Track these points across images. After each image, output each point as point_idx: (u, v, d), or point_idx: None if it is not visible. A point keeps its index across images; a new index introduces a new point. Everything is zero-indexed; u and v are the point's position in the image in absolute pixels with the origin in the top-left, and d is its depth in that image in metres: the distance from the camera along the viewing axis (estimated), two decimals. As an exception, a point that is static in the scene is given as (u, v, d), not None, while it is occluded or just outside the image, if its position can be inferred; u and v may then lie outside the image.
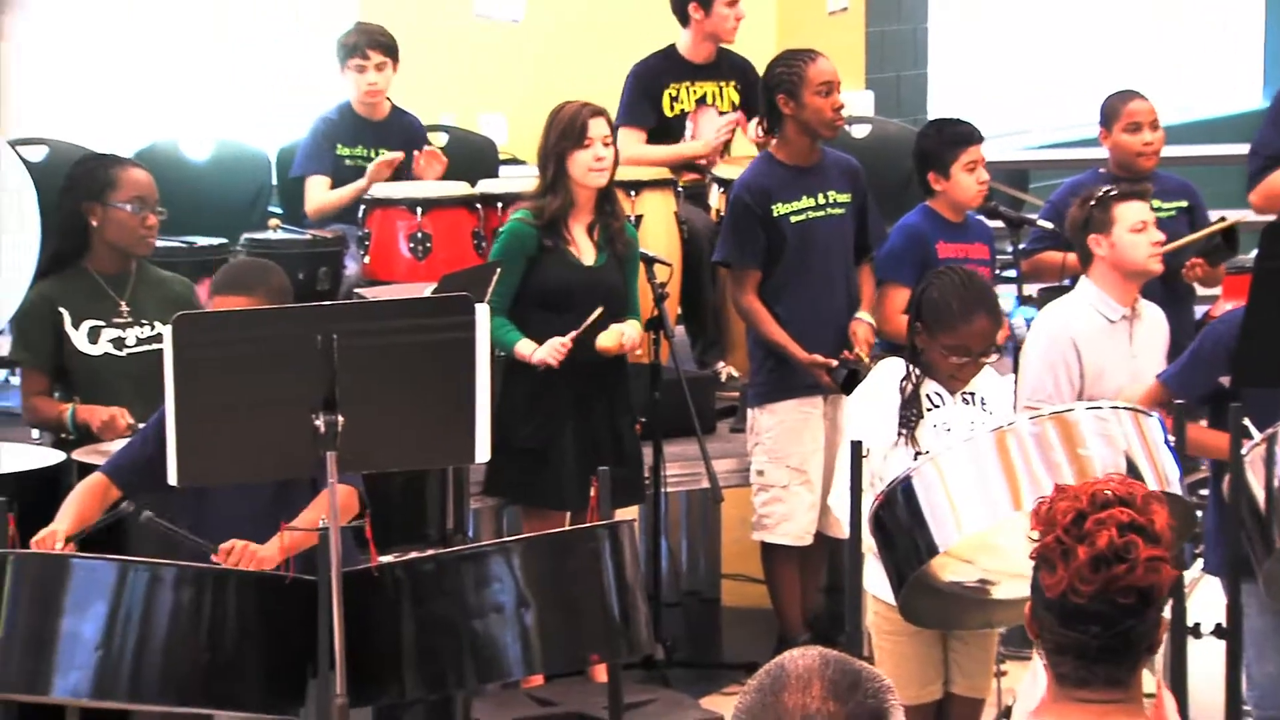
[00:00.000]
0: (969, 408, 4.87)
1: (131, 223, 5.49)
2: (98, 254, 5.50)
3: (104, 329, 5.44)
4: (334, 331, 3.95)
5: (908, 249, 6.34)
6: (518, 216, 6.01)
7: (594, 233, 5.99)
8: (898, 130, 8.15)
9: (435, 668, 4.16)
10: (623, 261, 6.04)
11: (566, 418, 5.96)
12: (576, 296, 5.91)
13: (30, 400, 5.43)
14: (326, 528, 3.94)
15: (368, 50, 7.08)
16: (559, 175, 5.90)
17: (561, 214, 5.93)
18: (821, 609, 6.66)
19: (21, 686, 4.09)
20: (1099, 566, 2.59)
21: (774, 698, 2.24)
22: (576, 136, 5.88)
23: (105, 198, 5.47)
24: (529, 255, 5.93)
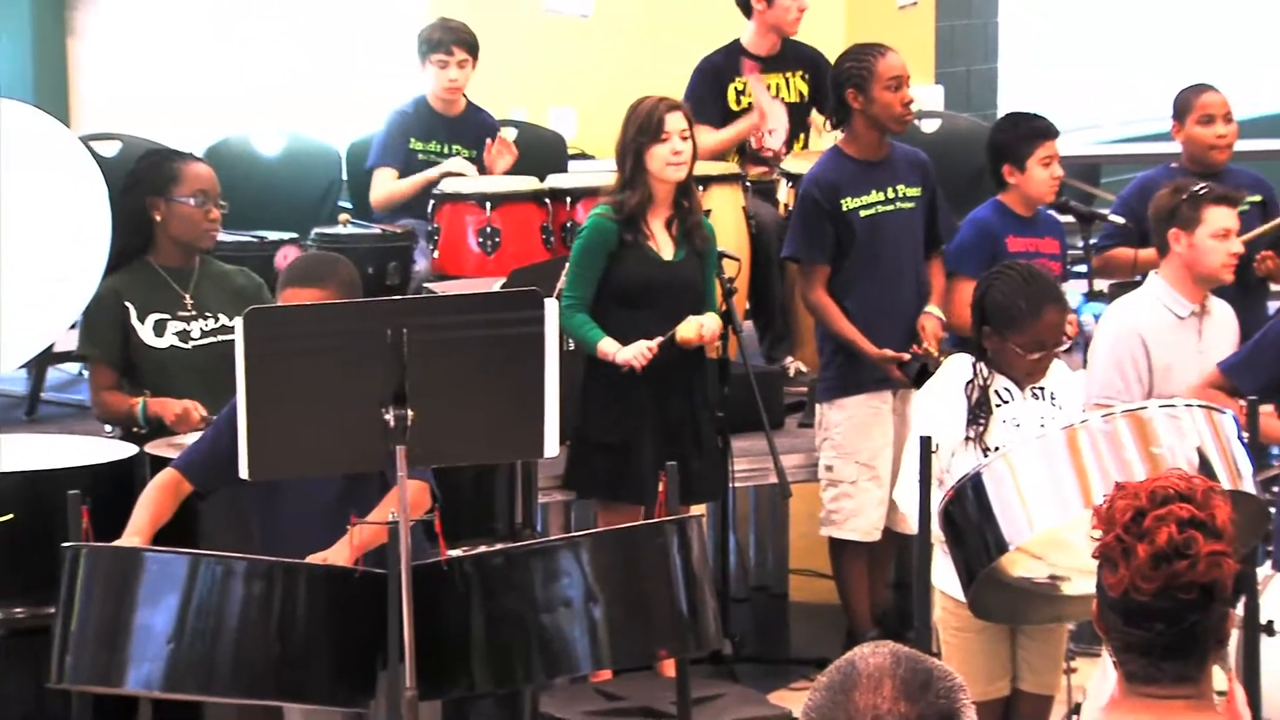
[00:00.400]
0: (1038, 403, 4.85)
1: (195, 217, 5.52)
2: (162, 248, 5.54)
3: (169, 322, 5.47)
4: (404, 326, 3.96)
5: (977, 242, 6.31)
6: (598, 212, 6.01)
7: (672, 228, 5.99)
8: (967, 125, 8.11)
9: (504, 662, 4.17)
10: (701, 257, 6.03)
11: (646, 412, 5.95)
12: (656, 292, 5.91)
13: (100, 395, 5.46)
14: (396, 522, 3.96)
15: (452, 46, 7.10)
16: (637, 170, 5.90)
17: (640, 209, 5.93)
18: (890, 604, 6.65)
19: (95, 678, 4.12)
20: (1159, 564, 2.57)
21: (844, 696, 2.22)
22: (653, 131, 5.88)
23: (168, 193, 5.50)
24: (610, 251, 5.93)
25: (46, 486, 4.75)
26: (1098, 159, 9.80)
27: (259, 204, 7.01)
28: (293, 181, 7.66)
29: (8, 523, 4.80)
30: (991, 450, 4.74)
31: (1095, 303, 6.04)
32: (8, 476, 4.89)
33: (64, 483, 4.49)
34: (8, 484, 4.85)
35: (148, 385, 5.39)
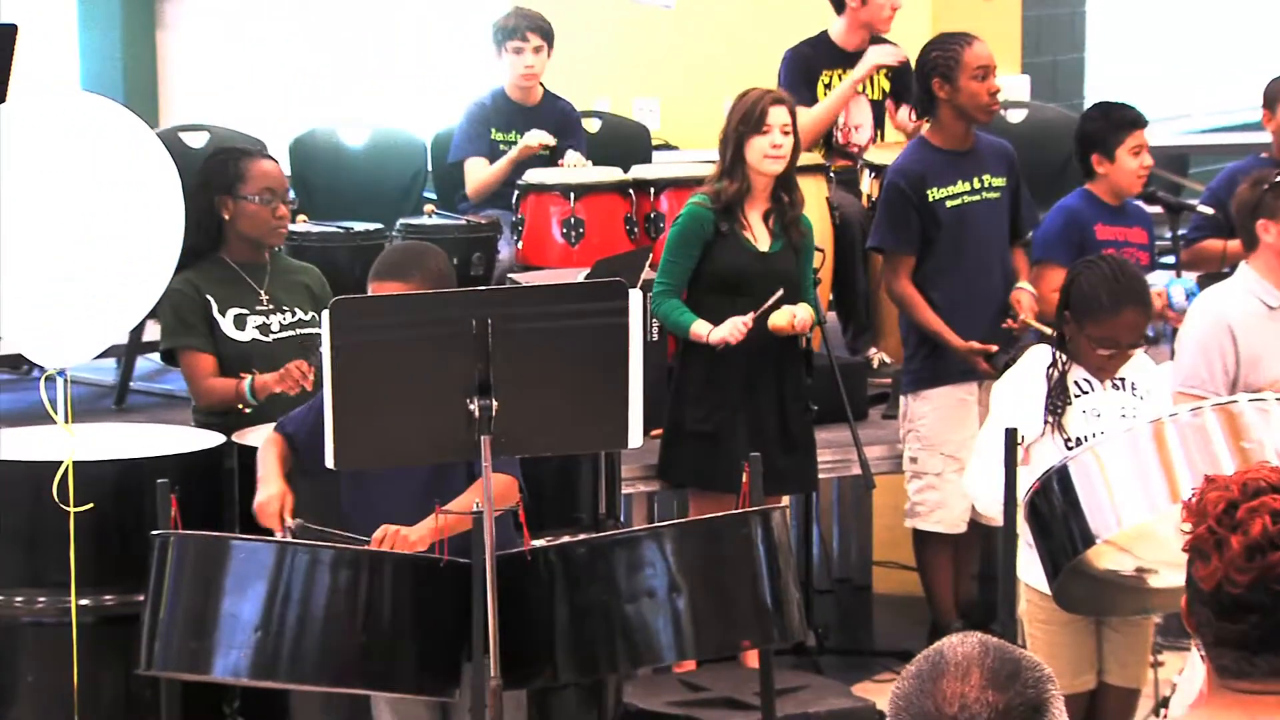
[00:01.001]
0: (1119, 393, 4.82)
1: (262, 214, 5.54)
2: (233, 246, 5.56)
3: (249, 316, 5.50)
4: (489, 316, 3.98)
5: (1065, 230, 6.27)
6: (695, 200, 6.01)
7: (769, 220, 5.98)
8: (1054, 115, 8.06)
9: (588, 651, 4.18)
10: (797, 251, 6.02)
11: (738, 401, 5.95)
12: (751, 282, 5.90)
13: (206, 382, 5.45)
14: (481, 512, 3.97)
15: (526, 33, 7.11)
16: (736, 160, 5.90)
17: (738, 199, 5.93)
18: (974, 597, 6.62)
19: (183, 665, 4.15)
20: (1254, 555, 2.55)
21: (932, 684, 2.22)
22: (755, 123, 5.88)
23: (236, 191, 5.52)
24: (705, 239, 5.92)
25: (135, 475, 4.80)
26: (1186, 149, 9.71)
27: (344, 195, 7.06)
28: (378, 172, 7.69)
29: (98, 511, 4.84)
30: (1071, 440, 4.71)
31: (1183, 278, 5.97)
32: (98, 465, 4.94)
33: (153, 471, 4.53)
34: (98, 472, 4.90)
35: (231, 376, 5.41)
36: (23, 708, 4.83)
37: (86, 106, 5.16)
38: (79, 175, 4.97)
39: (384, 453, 4.14)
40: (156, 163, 5.10)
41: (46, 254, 4.93)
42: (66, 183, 4.96)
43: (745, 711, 5.65)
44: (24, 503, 4.85)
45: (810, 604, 6.17)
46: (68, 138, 4.98)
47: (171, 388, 7.45)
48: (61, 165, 4.98)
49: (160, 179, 5.07)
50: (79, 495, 4.85)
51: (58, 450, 5.05)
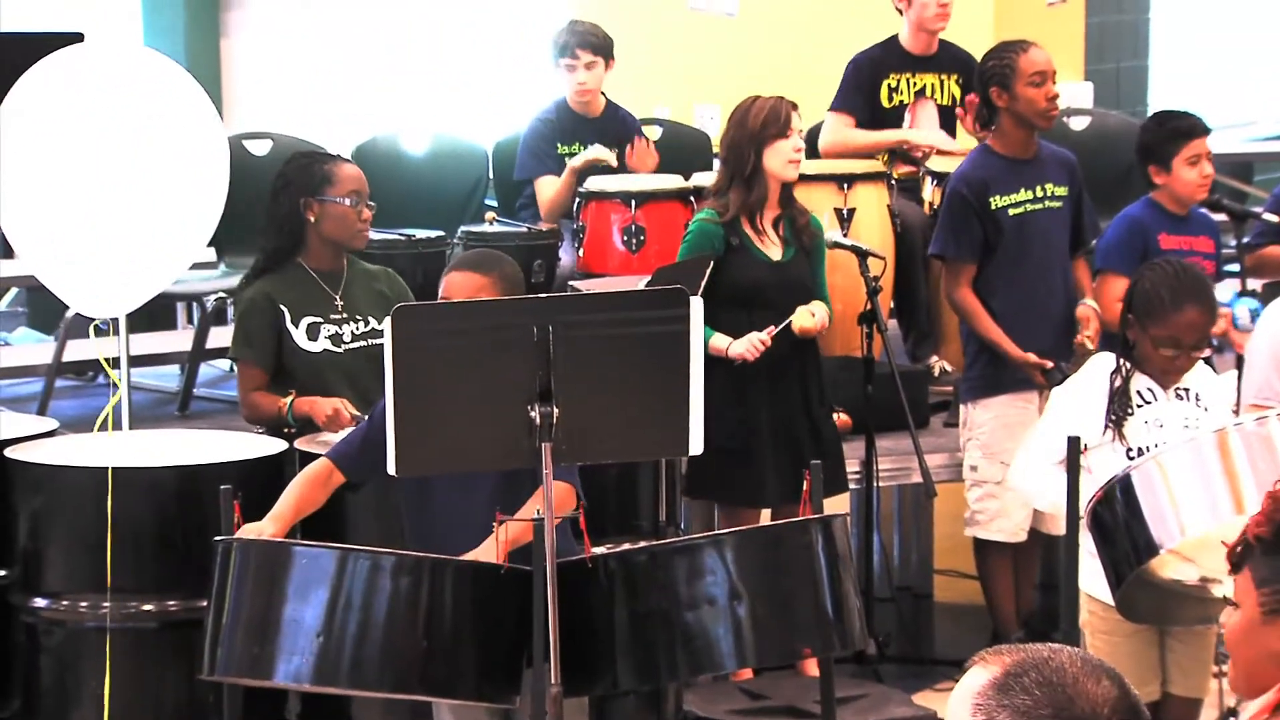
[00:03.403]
0: (1183, 404, 4.79)
1: (349, 217, 5.57)
2: (313, 250, 5.58)
3: (322, 325, 5.52)
4: (550, 323, 3.98)
5: (1128, 239, 6.24)
6: (702, 216, 6.00)
7: (779, 227, 5.97)
8: (1117, 122, 8.02)
9: (648, 659, 4.18)
10: (810, 254, 6.01)
11: (763, 414, 5.94)
12: (768, 293, 5.89)
13: (250, 396, 5.51)
14: (541, 519, 3.98)
15: (577, 50, 7.13)
16: (755, 168, 5.88)
17: (753, 207, 5.91)
18: (1036, 606, 6.59)
19: (245, 671, 4.17)
20: None
21: (1071, 690, 2.14)
22: (780, 126, 5.87)
23: (322, 193, 5.55)
24: (716, 254, 5.91)
25: (199, 481, 4.83)
26: (1251, 157, 9.64)
27: (406, 202, 7.07)
28: (440, 180, 7.72)
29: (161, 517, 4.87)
30: (1132, 450, 4.69)
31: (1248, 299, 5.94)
32: (162, 471, 4.97)
33: (216, 477, 4.55)
34: (162, 478, 4.93)
35: (299, 387, 5.44)
36: (87, 712, 4.86)
37: (135, 59, 5.20)
38: (124, 127, 5.00)
39: (445, 459, 4.15)
40: (203, 116, 5.13)
41: (91, 204, 4.97)
42: (112, 135, 4.99)
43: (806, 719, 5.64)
44: (89, 508, 4.88)
45: (871, 612, 6.15)
46: (116, 90, 5.01)
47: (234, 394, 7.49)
48: (108, 117, 5.01)
49: (207, 133, 5.10)
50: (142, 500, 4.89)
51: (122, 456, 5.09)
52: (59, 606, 4.89)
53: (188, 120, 5.16)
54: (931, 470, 6.07)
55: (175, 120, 5.13)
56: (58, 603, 4.89)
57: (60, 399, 7.23)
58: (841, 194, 6.71)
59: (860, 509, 6.53)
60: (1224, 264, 6.52)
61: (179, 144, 5.10)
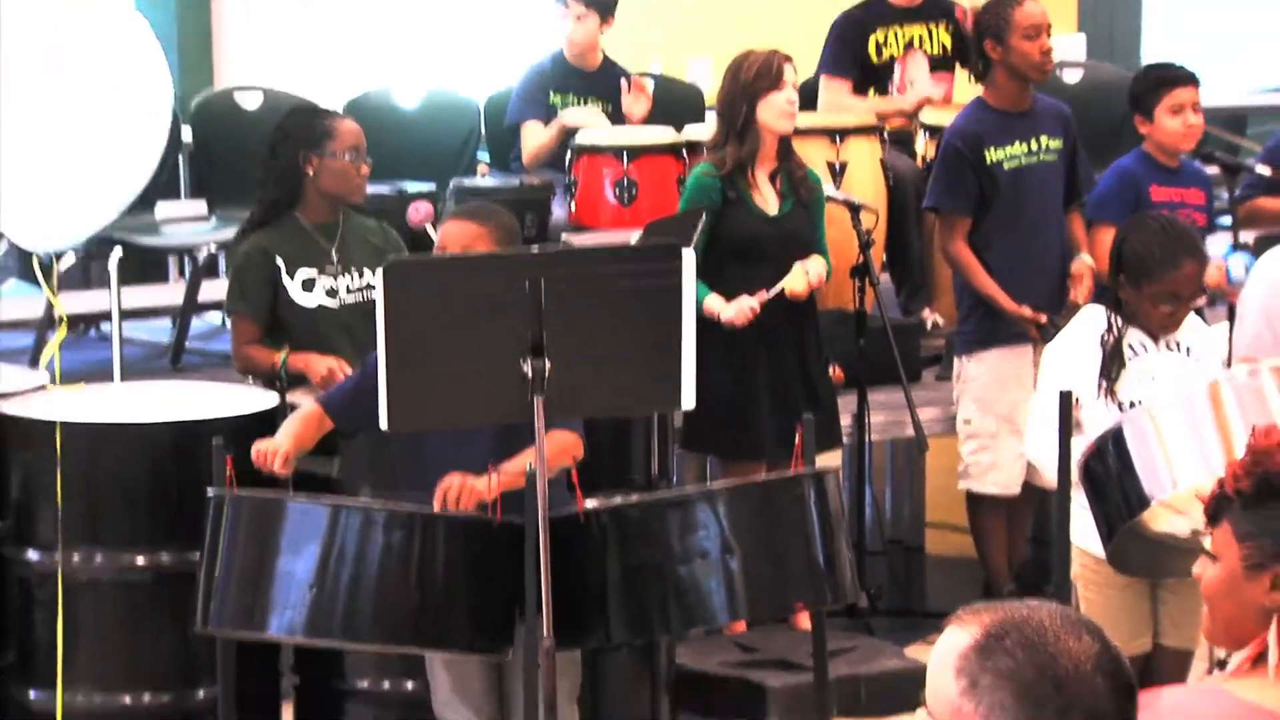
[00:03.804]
0: (1174, 355, 4.79)
1: (349, 172, 5.55)
2: (311, 204, 5.57)
3: (318, 279, 5.51)
4: (542, 278, 3.97)
5: (1120, 190, 6.24)
6: (699, 170, 5.99)
7: (776, 181, 5.96)
8: (1111, 75, 8.01)
9: (640, 612, 4.19)
10: (808, 208, 6.00)
11: (759, 368, 5.94)
12: (765, 246, 5.89)
13: (243, 349, 5.50)
14: (534, 472, 3.98)
15: (569, 1, 7.11)
16: (748, 121, 5.87)
17: (747, 162, 5.90)
18: (1027, 559, 6.61)
19: (238, 624, 4.18)
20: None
21: (1053, 648, 2.14)
22: (773, 78, 5.86)
23: (323, 148, 5.53)
24: (714, 209, 5.90)
25: (191, 435, 4.83)
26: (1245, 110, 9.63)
27: (398, 156, 7.06)
28: (432, 134, 7.70)
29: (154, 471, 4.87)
30: (1125, 404, 4.69)
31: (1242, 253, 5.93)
32: (154, 426, 4.97)
33: (209, 431, 4.55)
34: (154, 432, 4.94)
35: (295, 341, 5.43)
36: (80, 665, 4.87)
37: None
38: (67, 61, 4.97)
39: (438, 414, 4.15)
40: (146, 50, 5.10)
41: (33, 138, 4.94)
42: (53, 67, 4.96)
43: (797, 672, 5.65)
44: (81, 461, 4.88)
45: (863, 565, 6.16)
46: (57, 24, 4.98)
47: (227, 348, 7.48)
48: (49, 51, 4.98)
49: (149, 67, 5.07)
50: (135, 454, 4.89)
51: (115, 409, 5.09)
52: (52, 559, 4.89)
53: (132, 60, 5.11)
54: (924, 424, 6.08)
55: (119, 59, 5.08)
56: (51, 556, 4.89)
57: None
58: (834, 147, 6.70)
59: (852, 463, 6.54)
60: (1215, 216, 6.52)
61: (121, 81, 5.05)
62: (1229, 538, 2.74)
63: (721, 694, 5.75)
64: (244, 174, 6.60)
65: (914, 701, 2.25)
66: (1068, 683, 2.13)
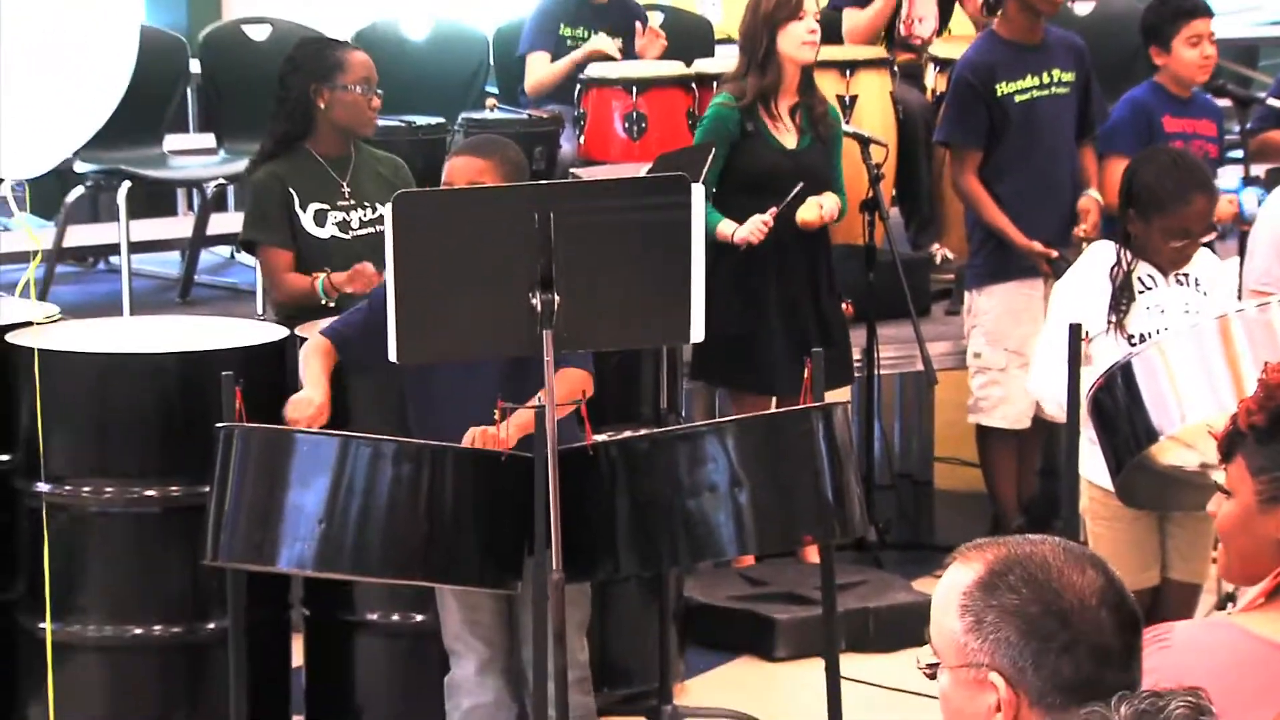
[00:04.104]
0: (1183, 289, 4.78)
1: (360, 104, 5.54)
2: (322, 136, 5.55)
3: (330, 212, 5.50)
4: (551, 211, 3.96)
5: (1133, 121, 6.22)
6: (719, 100, 5.98)
7: (796, 115, 5.94)
8: (1123, 6, 7.96)
9: (649, 545, 4.19)
10: (826, 144, 5.98)
11: (770, 301, 5.94)
12: (780, 180, 5.88)
13: (281, 276, 5.45)
14: (543, 406, 3.98)
15: None
16: (769, 51, 5.86)
17: (768, 93, 5.88)
18: (1036, 492, 6.62)
19: (248, 556, 4.19)
20: None
21: (1056, 584, 2.14)
22: (792, 8, 5.84)
23: (334, 80, 5.51)
24: (731, 139, 5.90)
25: (201, 367, 4.83)
26: (1256, 41, 9.58)
27: (407, 88, 7.03)
28: (440, 66, 7.67)
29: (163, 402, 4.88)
30: (1134, 337, 4.69)
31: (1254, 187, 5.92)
32: (164, 357, 4.97)
33: (218, 364, 4.55)
34: (163, 364, 4.94)
35: (306, 272, 5.43)
36: (89, 596, 4.89)
37: None
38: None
39: (446, 347, 4.14)
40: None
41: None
42: None
43: (806, 605, 5.68)
44: (90, 394, 4.89)
45: (871, 499, 6.17)
46: None
47: (236, 280, 7.49)
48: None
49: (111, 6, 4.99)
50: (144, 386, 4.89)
51: (124, 342, 5.09)
52: (62, 491, 4.90)
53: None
54: (933, 358, 6.08)
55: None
56: (60, 487, 4.90)
57: (61, 284, 7.23)
58: (844, 80, 6.67)
59: (861, 396, 6.54)
60: (1226, 149, 6.49)
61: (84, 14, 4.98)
62: (1243, 472, 2.73)
63: (730, 627, 5.78)
64: (253, 107, 6.57)
65: (922, 636, 2.26)
66: (1072, 617, 2.13)
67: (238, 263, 7.60)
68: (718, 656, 5.74)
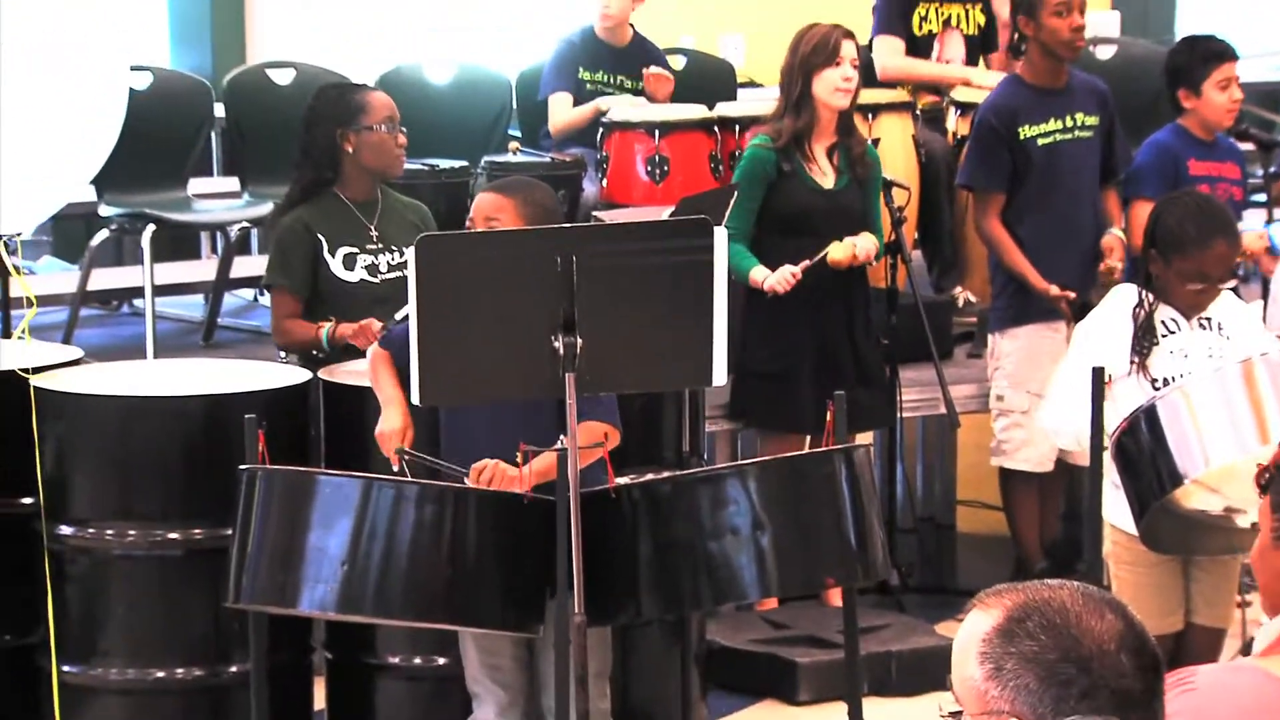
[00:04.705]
0: (1206, 333, 4.77)
1: (386, 144, 5.57)
2: (350, 180, 5.58)
3: (359, 256, 5.53)
4: (574, 254, 3.97)
5: (1157, 165, 6.21)
6: (756, 142, 6.01)
7: (834, 156, 5.96)
8: (1144, 51, 7.97)
9: (671, 588, 4.19)
10: (863, 185, 6.00)
11: (806, 340, 5.95)
12: (816, 220, 5.89)
13: (284, 323, 5.51)
14: (565, 449, 3.98)
15: None
16: (804, 94, 5.88)
17: (803, 135, 5.90)
18: (1059, 536, 6.59)
19: (270, 599, 4.19)
20: None
21: (1075, 630, 2.13)
22: (829, 54, 5.86)
23: (357, 123, 5.54)
24: (768, 180, 5.92)
25: (224, 410, 4.83)
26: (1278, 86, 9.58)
27: (430, 132, 7.05)
28: (463, 110, 7.69)
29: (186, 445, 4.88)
30: (1157, 381, 4.68)
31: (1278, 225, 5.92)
32: (186, 400, 4.98)
33: (241, 406, 4.56)
34: (186, 407, 4.94)
35: (336, 317, 5.45)
36: (112, 639, 4.89)
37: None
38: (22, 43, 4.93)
39: (469, 389, 4.15)
40: (102, 35, 5.05)
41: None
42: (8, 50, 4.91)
43: (828, 649, 5.66)
44: (113, 436, 4.89)
45: (894, 543, 6.16)
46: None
47: (259, 323, 7.50)
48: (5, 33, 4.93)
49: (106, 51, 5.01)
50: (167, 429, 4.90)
51: (147, 385, 5.10)
52: (84, 534, 4.90)
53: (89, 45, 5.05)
54: (956, 401, 6.07)
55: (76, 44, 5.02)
56: (83, 530, 4.91)
57: (85, 328, 7.25)
58: (866, 124, 6.68)
59: (884, 439, 6.53)
60: (1250, 192, 6.49)
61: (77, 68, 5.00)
62: (1266, 508, 2.74)
63: (752, 670, 5.76)
64: (276, 150, 6.60)
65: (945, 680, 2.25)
66: (1091, 663, 2.13)
67: (261, 306, 7.61)
68: (740, 700, 5.72)
